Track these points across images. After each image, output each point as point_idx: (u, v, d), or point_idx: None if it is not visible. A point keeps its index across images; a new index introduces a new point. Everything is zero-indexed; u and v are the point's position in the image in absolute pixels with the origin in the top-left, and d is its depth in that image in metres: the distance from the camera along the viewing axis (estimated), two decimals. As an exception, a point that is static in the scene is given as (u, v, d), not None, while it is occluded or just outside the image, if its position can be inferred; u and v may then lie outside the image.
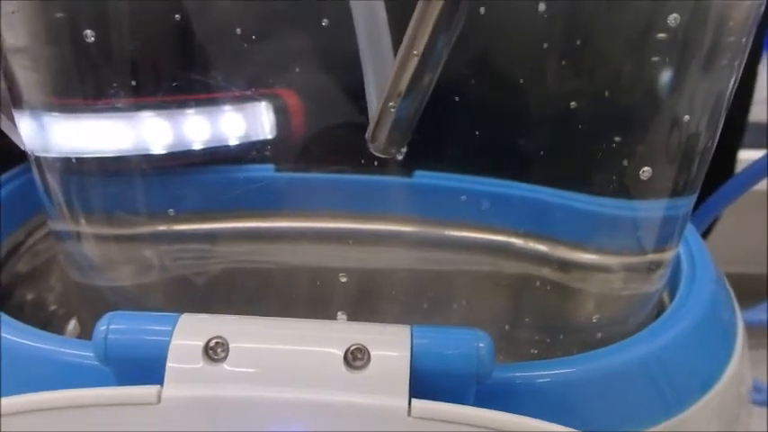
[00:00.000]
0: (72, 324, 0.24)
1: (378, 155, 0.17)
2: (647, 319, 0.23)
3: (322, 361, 0.15)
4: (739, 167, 0.34)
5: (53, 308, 0.24)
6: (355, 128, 0.19)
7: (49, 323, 0.24)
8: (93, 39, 0.20)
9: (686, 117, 0.20)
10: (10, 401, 0.15)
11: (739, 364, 0.22)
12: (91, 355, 0.16)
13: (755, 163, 0.28)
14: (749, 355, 0.23)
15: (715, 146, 0.21)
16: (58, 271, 0.25)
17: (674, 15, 0.17)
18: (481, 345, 0.15)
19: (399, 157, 0.20)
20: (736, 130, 0.33)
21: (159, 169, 0.22)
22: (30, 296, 0.24)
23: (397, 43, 0.16)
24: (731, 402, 0.22)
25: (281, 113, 0.23)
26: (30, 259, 0.24)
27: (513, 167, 0.22)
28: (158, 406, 0.14)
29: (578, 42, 0.20)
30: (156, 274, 0.23)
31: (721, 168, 0.33)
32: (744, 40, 0.19)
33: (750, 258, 0.41)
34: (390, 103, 0.15)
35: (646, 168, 0.20)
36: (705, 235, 0.34)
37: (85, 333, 0.24)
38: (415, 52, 0.14)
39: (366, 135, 0.17)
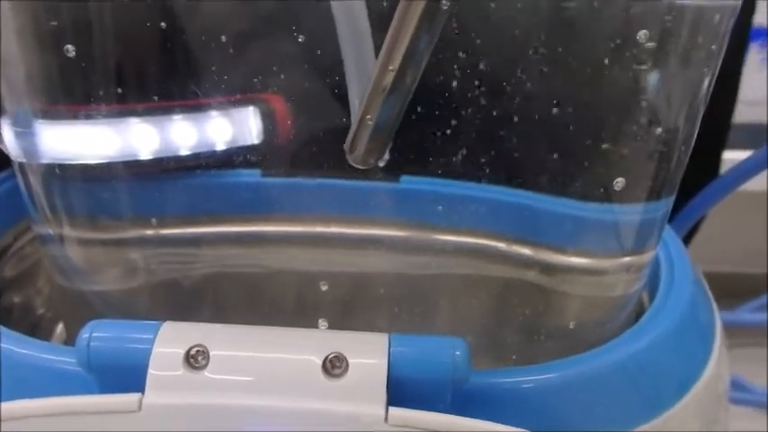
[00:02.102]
0: (59, 328, 0.24)
1: (356, 166, 0.17)
2: (627, 319, 0.24)
3: (301, 369, 0.16)
4: (725, 167, 0.34)
5: (41, 311, 0.25)
6: (342, 133, 0.20)
7: (38, 326, 0.24)
8: (76, 46, 0.20)
9: (661, 124, 0.20)
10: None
11: (717, 364, 0.23)
12: (74, 361, 0.17)
13: (740, 165, 0.29)
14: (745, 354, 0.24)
15: (691, 149, 0.22)
16: (46, 275, 0.25)
17: (644, 31, 0.18)
18: (457, 352, 0.16)
19: (381, 164, 0.21)
20: (720, 131, 0.34)
21: (145, 174, 0.23)
22: (18, 300, 0.24)
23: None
24: (711, 402, 0.22)
25: (267, 118, 0.23)
26: (18, 263, 0.25)
27: (498, 172, 0.23)
28: (139, 414, 0.15)
29: (557, 49, 0.20)
30: (141, 278, 0.23)
31: (706, 169, 0.34)
32: (714, 46, 0.19)
33: (741, 258, 0.42)
34: (368, 116, 0.16)
35: (623, 174, 0.21)
36: (691, 234, 0.35)
37: (71, 337, 0.25)
38: (390, 68, 0.15)
39: (344, 146, 0.17)
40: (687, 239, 0.35)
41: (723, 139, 0.34)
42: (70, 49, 0.19)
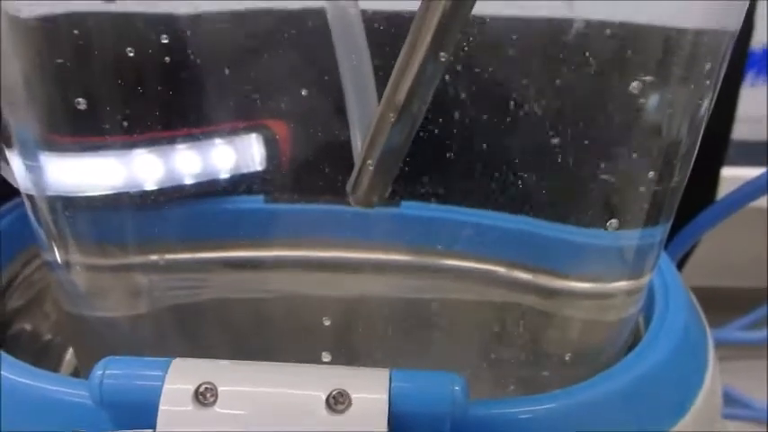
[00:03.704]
0: (69, 353, 0.25)
1: (359, 207, 0.18)
2: (625, 343, 0.25)
3: (305, 404, 0.17)
4: (723, 183, 0.35)
5: (49, 337, 0.26)
6: (343, 159, 0.21)
7: (46, 352, 0.25)
8: (81, 82, 0.21)
9: (658, 154, 0.21)
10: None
11: (712, 383, 0.24)
12: (86, 393, 0.18)
13: (737, 191, 0.29)
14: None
15: (688, 177, 0.22)
16: (54, 301, 0.26)
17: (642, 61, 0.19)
18: (456, 387, 0.17)
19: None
20: (717, 151, 0.35)
21: (150, 202, 0.23)
22: (27, 326, 0.25)
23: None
24: (707, 420, 0.23)
25: (270, 145, 0.24)
26: (26, 290, 0.26)
27: (498, 198, 0.24)
28: (151, 449, 0.16)
29: (555, 77, 0.21)
30: (147, 304, 0.24)
31: (703, 187, 0.35)
32: (713, 72, 0.20)
33: (737, 272, 0.43)
34: (368, 161, 0.17)
35: (620, 202, 0.22)
36: (688, 255, 0.36)
37: (81, 362, 0.26)
38: (391, 115, 0.16)
39: (347, 188, 0.18)
40: (684, 259, 0.36)
41: (720, 159, 0.35)
42: (76, 82, 0.20)
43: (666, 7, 0.19)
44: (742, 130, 0.36)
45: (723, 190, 0.36)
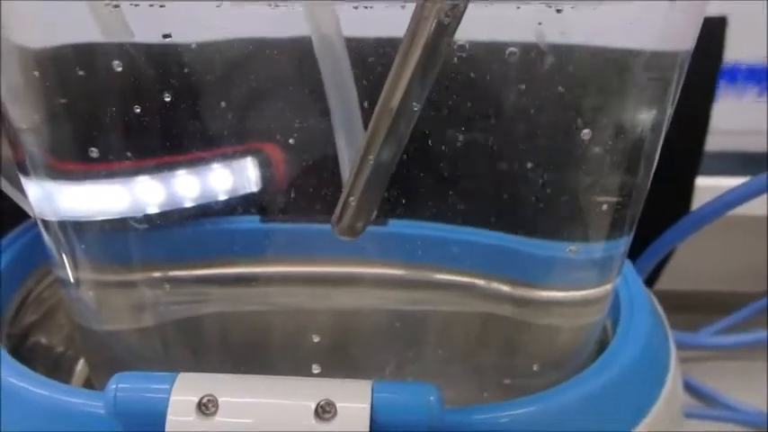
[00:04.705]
0: (80, 364, 0.28)
1: (343, 238, 0.20)
2: (595, 344, 0.27)
3: (296, 414, 0.19)
4: (698, 193, 0.38)
5: (61, 349, 0.28)
6: (334, 181, 0.23)
7: (59, 364, 0.28)
8: (87, 110, 0.22)
9: (616, 175, 0.23)
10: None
11: (673, 383, 0.26)
12: (101, 404, 0.20)
13: (712, 202, 0.32)
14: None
15: (646, 193, 0.24)
16: (66, 316, 0.28)
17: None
18: (431, 397, 0.19)
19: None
20: (691, 162, 0.37)
21: (155, 224, 0.25)
22: (42, 340, 0.28)
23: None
24: (668, 418, 0.25)
25: (266, 169, 0.26)
26: (39, 305, 0.28)
27: (477, 216, 0.26)
28: (161, 454, 0.18)
29: (526, 102, 0.23)
30: (153, 318, 0.26)
31: (679, 198, 0.37)
32: (669, 94, 0.22)
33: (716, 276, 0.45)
34: (351, 198, 0.19)
35: (586, 219, 0.24)
36: (665, 262, 0.38)
37: (93, 373, 0.28)
38: (370, 157, 0.18)
39: (332, 221, 0.20)
40: (661, 266, 0.38)
41: (695, 170, 0.37)
42: (87, 131, 0.22)
43: (620, 30, 0.21)
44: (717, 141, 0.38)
45: (700, 199, 0.38)
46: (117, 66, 0.22)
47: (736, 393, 0.41)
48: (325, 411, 0.19)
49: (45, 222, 0.25)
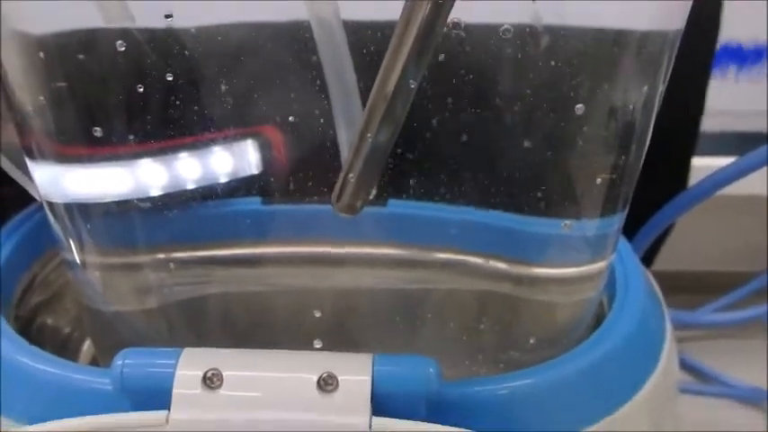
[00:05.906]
0: (86, 345, 0.28)
1: (343, 215, 0.21)
2: (591, 320, 0.28)
3: (299, 386, 0.19)
4: (694, 174, 0.38)
5: (68, 330, 0.29)
6: (334, 162, 0.23)
7: (66, 345, 0.28)
8: (89, 94, 0.23)
9: (610, 152, 0.24)
10: (36, 430, 0.19)
11: (668, 358, 0.26)
12: (108, 381, 0.21)
13: (708, 178, 0.32)
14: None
15: (639, 171, 0.25)
16: (73, 297, 0.29)
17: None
18: (430, 369, 0.20)
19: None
20: (687, 142, 0.37)
21: (158, 206, 0.26)
22: (49, 321, 0.28)
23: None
24: (663, 392, 0.26)
25: (266, 151, 0.27)
26: (47, 288, 0.29)
27: (473, 195, 0.26)
28: (167, 427, 0.19)
29: (520, 81, 0.23)
30: (157, 298, 0.27)
31: (675, 177, 0.37)
32: (658, 73, 0.22)
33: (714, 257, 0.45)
34: (350, 175, 0.20)
35: (581, 196, 0.24)
36: (663, 240, 0.38)
37: (99, 353, 0.29)
38: (368, 135, 0.18)
39: (331, 198, 0.21)
40: (658, 244, 0.39)
41: (691, 149, 0.37)
42: (91, 115, 0.22)
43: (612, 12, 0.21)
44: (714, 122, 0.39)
45: (696, 179, 0.39)
46: (120, 47, 0.22)
47: (734, 371, 0.42)
48: (327, 384, 0.19)
49: (51, 205, 0.25)
